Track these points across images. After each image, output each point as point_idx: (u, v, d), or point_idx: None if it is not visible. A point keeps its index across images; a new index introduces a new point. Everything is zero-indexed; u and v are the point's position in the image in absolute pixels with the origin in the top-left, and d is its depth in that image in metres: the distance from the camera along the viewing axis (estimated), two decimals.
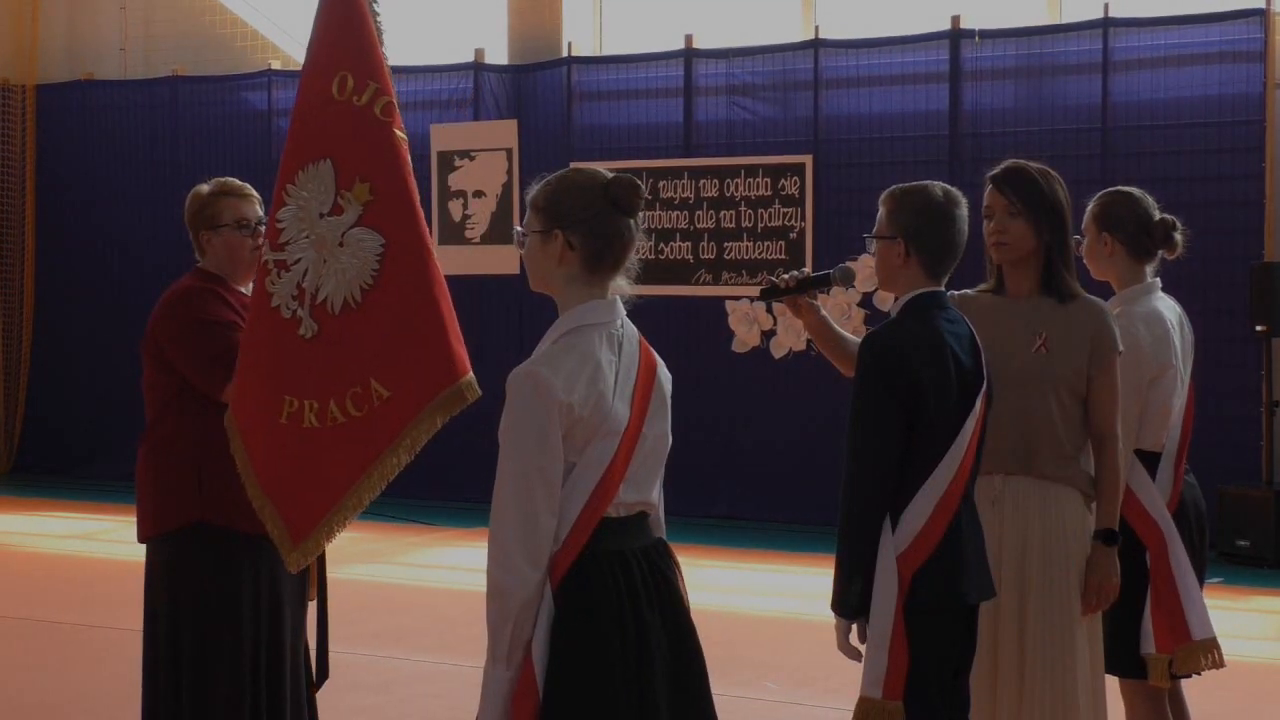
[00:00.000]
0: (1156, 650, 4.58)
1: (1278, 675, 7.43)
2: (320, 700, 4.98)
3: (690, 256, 11.75)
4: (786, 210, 11.47)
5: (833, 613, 3.88)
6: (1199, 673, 4.68)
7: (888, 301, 11.15)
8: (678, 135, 11.97)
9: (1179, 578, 4.58)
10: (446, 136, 12.44)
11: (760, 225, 11.55)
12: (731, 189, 11.64)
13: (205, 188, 4.83)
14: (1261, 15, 10.32)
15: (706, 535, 10.65)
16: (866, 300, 11.24)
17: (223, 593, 4.57)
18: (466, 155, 12.37)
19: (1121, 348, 4.35)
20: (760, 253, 11.54)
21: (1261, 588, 9.30)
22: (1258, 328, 10.05)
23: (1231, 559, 9.76)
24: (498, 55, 12.72)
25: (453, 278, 4.43)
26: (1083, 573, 4.25)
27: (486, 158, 12.34)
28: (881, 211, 3.97)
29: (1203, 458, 4.88)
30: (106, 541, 10.89)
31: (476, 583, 8.81)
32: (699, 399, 10.80)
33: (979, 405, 3.90)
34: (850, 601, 3.83)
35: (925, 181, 3.98)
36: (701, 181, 11.74)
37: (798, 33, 11.88)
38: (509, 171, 12.24)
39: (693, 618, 3.44)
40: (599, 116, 12.25)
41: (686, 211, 11.75)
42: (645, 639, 3.28)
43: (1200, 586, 4.69)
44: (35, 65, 14.34)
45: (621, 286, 3.40)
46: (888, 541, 3.82)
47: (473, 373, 4.30)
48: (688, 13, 12.33)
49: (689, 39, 11.95)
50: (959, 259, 3.96)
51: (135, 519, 4.76)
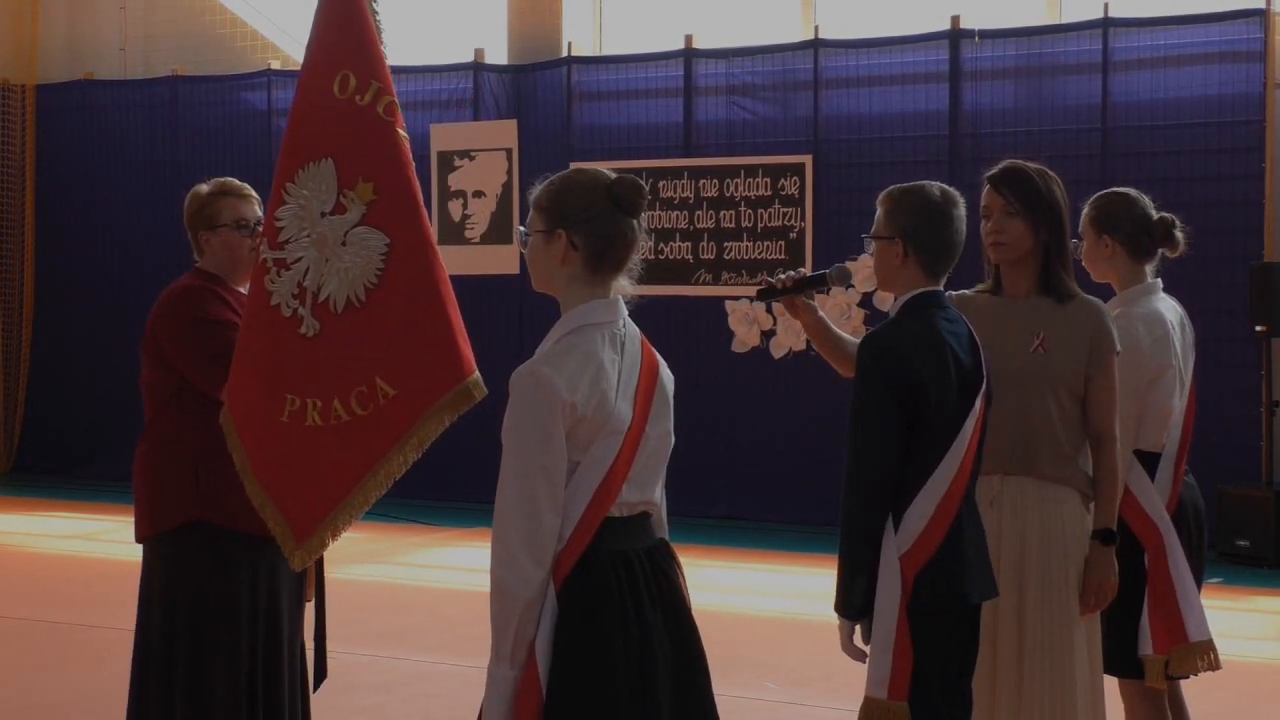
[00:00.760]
0: (1154, 651, 4.58)
1: (1277, 675, 7.44)
2: (320, 700, 4.98)
3: (690, 256, 11.75)
4: (786, 210, 11.48)
5: (836, 614, 3.88)
6: (1194, 674, 4.68)
7: (887, 301, 11.18)
8: (678, 135, 11.98)
9: (1177, 579, 4.58)
10: (446, 136, 12.45)
11: (760, 225, 11.55)
12: (731, 189, 11.65)
13: (204, 188, 4.83)
14: (1261, 15, 10.32)
15: (706, 535, 10.65)
16: (866, 300, 11.25)
17: (221, 592, 4.57)
18: (466, 155, 12.37)
19: (1120, 348, 4.35)
20: (760, 253, 11.55)
21: (1261, 588, 9.30)
22: (1258, 328, 10.05)
23: (1231, 559, 9.76)
24: (498, 55, 12.72)
25: (452, 278, 4.42)
26: (1081, 572, 4.26)
27: (486, 158, 12.34)
28: (879, 212, 3.97)
29: (1203, 458, 4.88)
30: (106, 541, 10.89)
31: (477, 583, 8.78)
32: (699, 399, 10.79)
33: (979, 404, 3.90)
34: (854, 603, 3.82)
35: (923, 181, 3.98)
36: (701, 181, 11.74)
37: (798, 33, 11.88)
38: (509, 171, 12.24)
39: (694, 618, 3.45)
40: (599, 116, 12.25)
41: (686, 211, 11.76)
42: (648, 639, 3.28)
43: (1198, 588, 4.69)
44: (35, 65, 14.34)
45: (624, 287, 3.41)
46: (890, 542, 3.81)
47: (479, 373, 4.31)
48: (688, 13, 12.33)
49: (689, 39, 11.95)
50: (957, 259, 3.97)
51: (134, 519, 4.76)
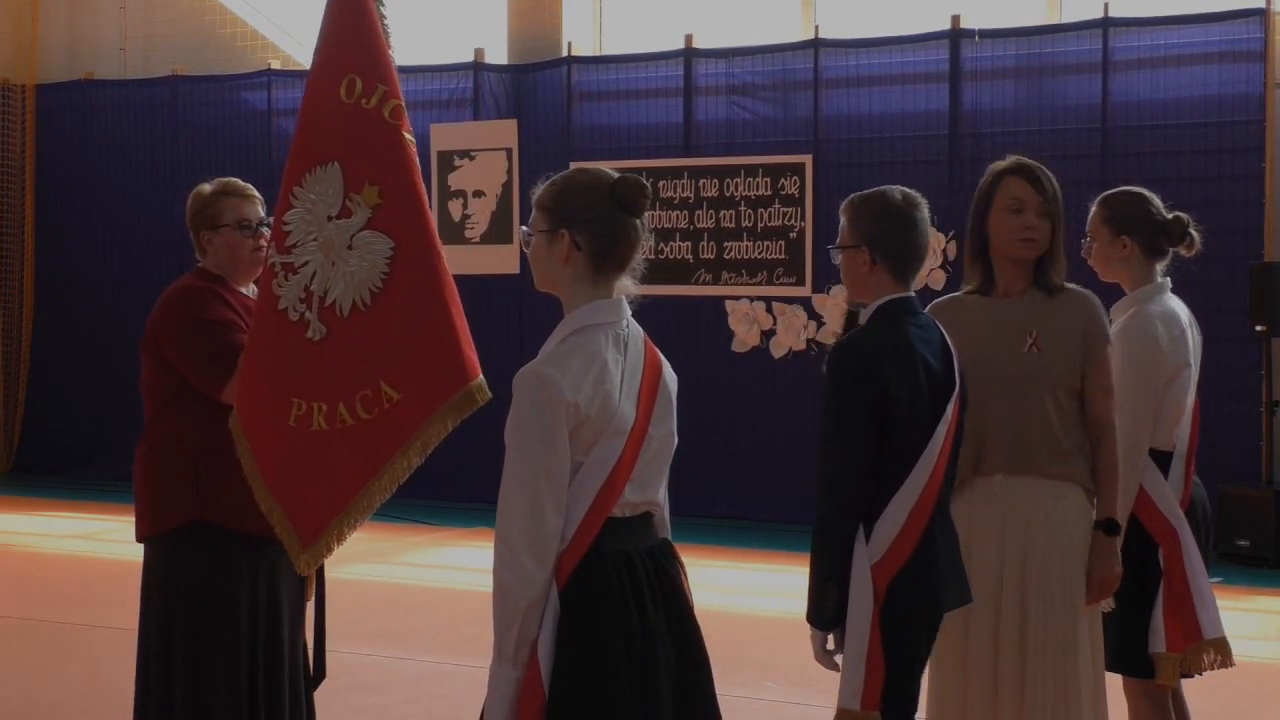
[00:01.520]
0: (1167, 649, 4.57)
1: (1278, 675, 7.43)
2: (321, 700, 4.97)
3: (690, 256, 11.75)
4: (786, 210, 11.48)
5: (808, 624, 3.85)
6: (1200, 672, 4.68)
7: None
8: (678, 135, 11.97)
9: (1192, 576, 4.57)
10: (446, 136, 12.45)
11: (760, 225, 11.55)
12: (731, 189, 11.65)
13: (207, 187, 4.82)
14: (1261, 15, 10.32)
15: (706, 535, 10.65)
16: None
17: (221, 593, 4.57)
18: (466, 155, 12.37)
19: (1112, 338, 4.36)
20: (760, 252, 11.55)
21: (1261, 588, 9.30)
22: (1258, 328, 10.05)
23: (1231, 559, 9.75)
24: (498, 55, 12.72)
25: (453, 277, 4.43)
26: (1085, 568, 4.25)
27: (486, 157, 12.34)
28: (843, 221, 3.95)
29: (1203, 458, 4.87)
30: (106, 541, 10.89)
31: (478, 583, 8.75)
32: (699, 399, 10.78)
33: (951, 411, 3.87)
34: (826, 612, 3.78)
35: (883, 187, 3.95)
36: (701, 181, 11.74)
37: (798, 33, 11.88)
38: (509, 171, 12.24)
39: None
40: (599, 116, 12.25)
41: (686, 211, 11.76)
42: (650, 639, 3.28)
43: None
44: (35, 65, 14.34)
45: (627, 286, 3.40)
46: (861, 551, 3.77)
47: (483, 375, 4.30)
48: (688, 13, 12.33)
49: (689, 39, 11.95)
50: (924, 262, 3.97)
51: (134, 519, 4.76)
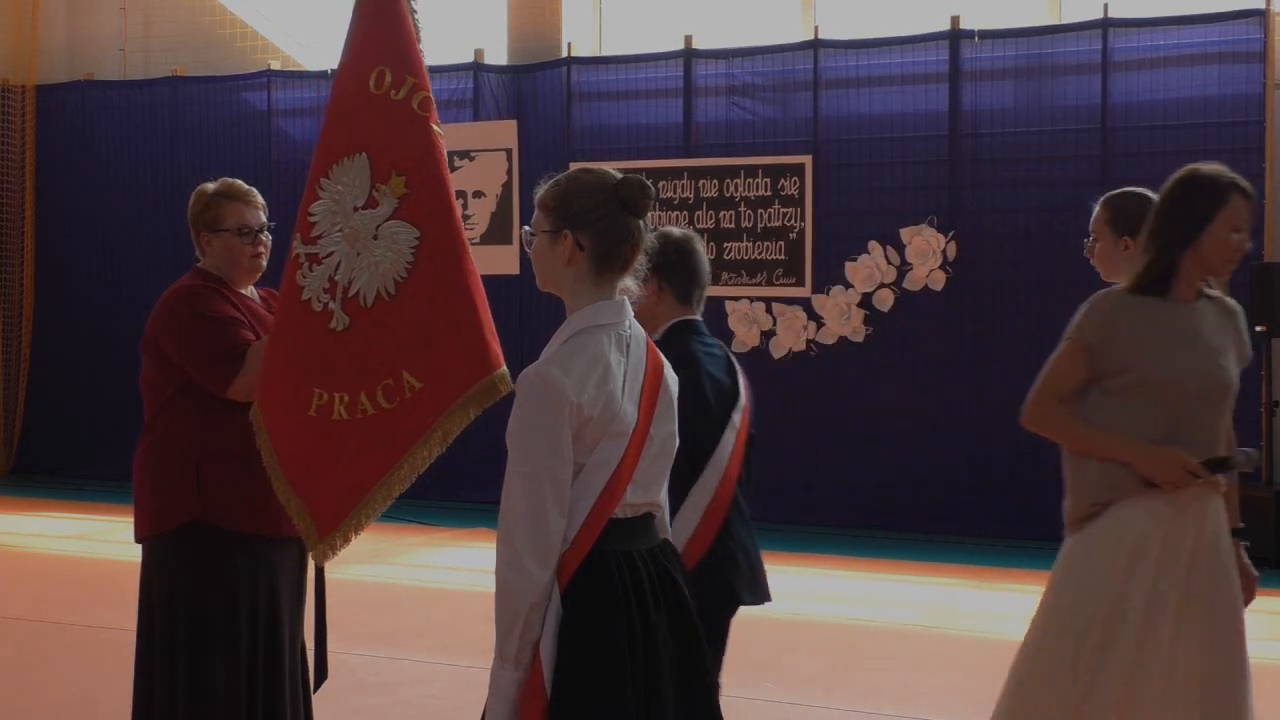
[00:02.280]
0: None
1: (1278, 675, 7.43)
2: (322, 701, 4.97)
3: None
4: (786, 210, 11.48)
5: None
6: None
7: (887, 302, 11.21)
8: (677, 135, 11.98)
9: None
10: (446, 137, 12.35)
11: (760, 225, 11.56)
12: (731, 189, 11.65)
13: (210, 187, 4.81)
14: (1261, 15, 10.33)
15: None
16: (866, 300, 11.25)
17: (222, 593, 4.57)
18: (466, 155, 12.37)
19: None
20: (760, 253, 11.55)
21: (1261, 588, 9.21)
22: (1258, 328, 10.05)
23: None
24: (497, 56, 12.72)
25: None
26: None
27: (486, 158, 12.34)
28: None
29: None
30: (106, 541, 10.89)
31: (478, 583, 8.75)
32: None
33: (739, 419, 4.28)
34: None
35: (663, 227, 4.47)
36: (701, 182, 11.74)
37: (797, 33, 11.88)
38: (509, 172, 12.25)
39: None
40: (599, 117, 12.25)
41: (686, 211, 11.76)
42: (652, 639, 3.28)
43: None
44: (35, 65, 14.34)
45: (629, 287, 3.41)
46: None
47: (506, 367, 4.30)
48: (687, 13, 12.33)
49: (689, 39, 11.95)
50: (706, 288, 4.49)
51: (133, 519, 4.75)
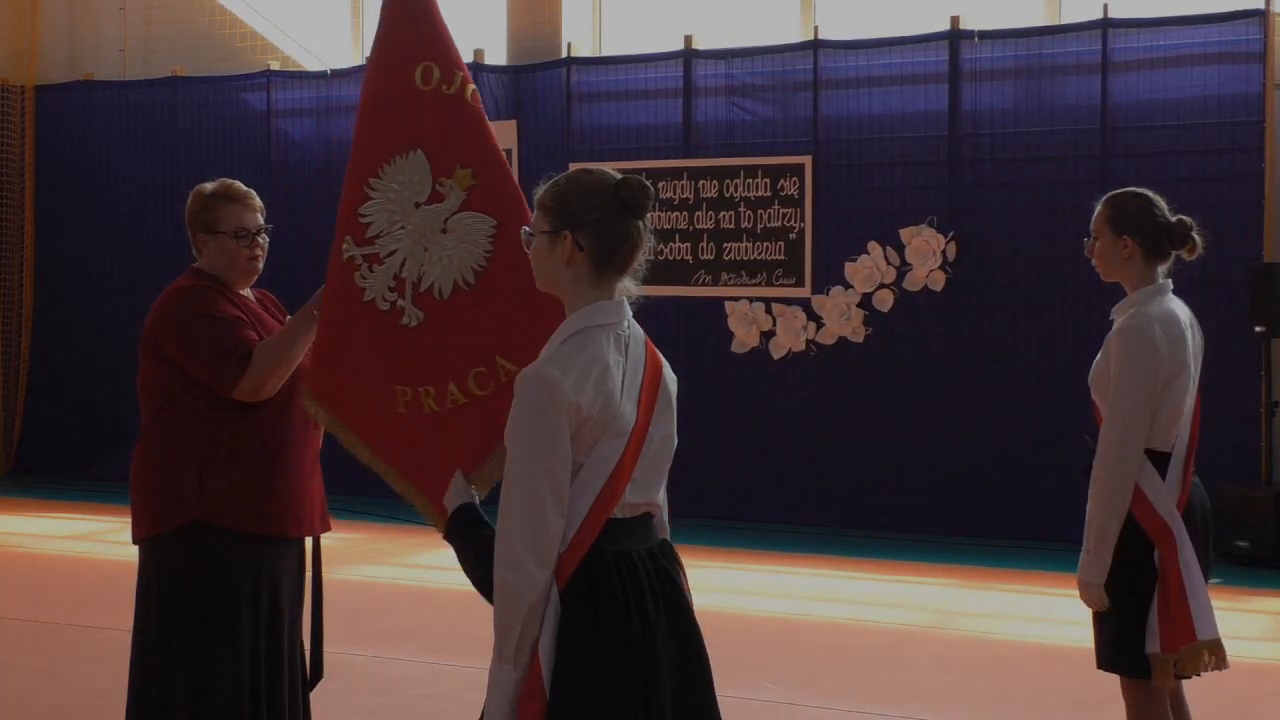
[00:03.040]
0: (1162, 650, 4.58)
1: (1277, 675, 7.44)
2: (321, 700, 4.98)
3: (689, 257, 11.75)
4: (786, 211, 11.48)
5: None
6: (1198, 674, 4.68)
7: (887, 303, 11.21)
8: (677, 136, 11.97)
9: (1187, 578, 4.58)
10: None
11: (760, 226, 11.55)
12: (731, 189, 11.65)
13: (208, 188, 4.80)
14: (1261, 15, 10.32)
15: (706, 535, 10.65)
16: (865, 301, 11.25)
17: (223, 593, 4.56)
18: None
19: (1110, 339, 4.38)
20: (760, 253, 11.55)
21: (1261, 588, 9.30)
22: (1258, 328, 10.05)
23: (1231, 559, 9.76)
24: (497, 56, 12.72)
25: None
26: None
27: None
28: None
29: (1203, 458, 4.88)
30: (106, 542, 10.89)
31: None
32: (699, 399, 10.80)
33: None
34: None
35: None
36: (701, 182, 11.74)
37: (797, 33, 11.87)
38: None
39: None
40: (598, 117, 12.25)
41: (686, 212, 11.75)
42: (651, 640, 3.27)
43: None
44: (35, 65, 14.34)
45: (628, 287, 3.41)
46: None
47: None
48: (687, 13, 12.33)
49: (688, 39, 11.95)
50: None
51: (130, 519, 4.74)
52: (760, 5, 12.25)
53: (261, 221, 4.80)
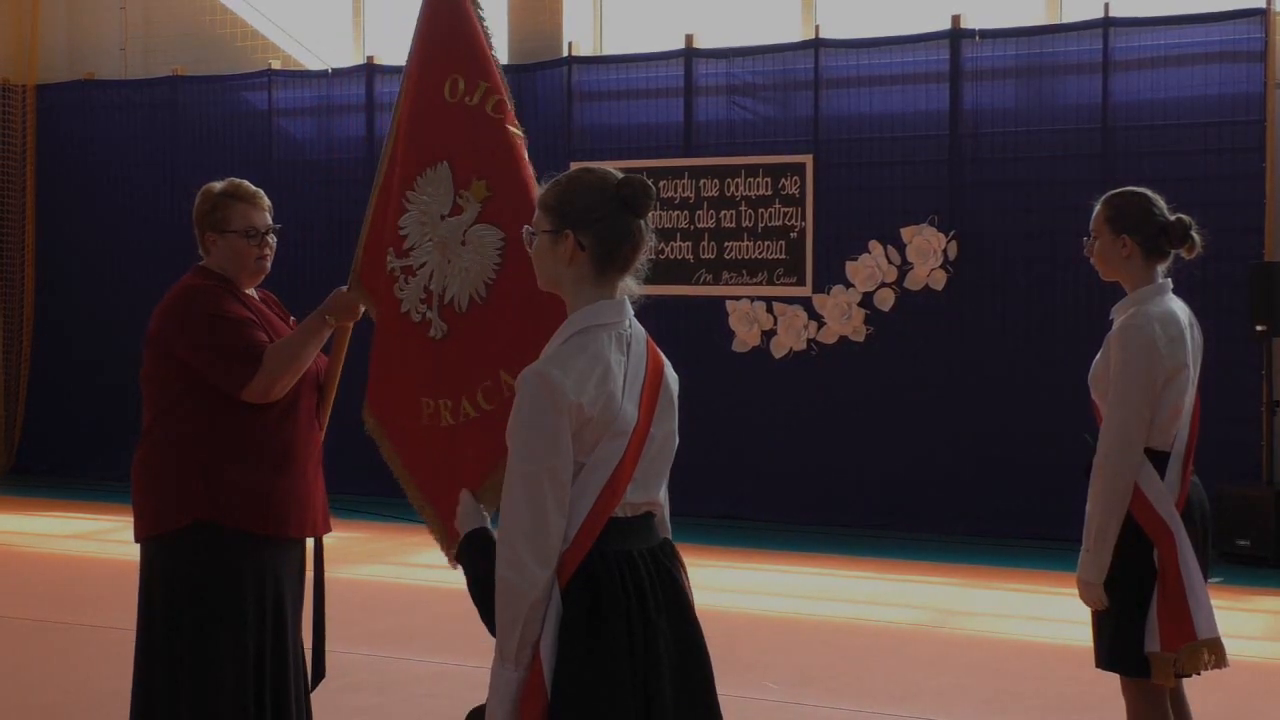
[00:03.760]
0: (1161, 649, 4.58)
1: (1278, 675, 7.44)
2: (321, 700, 4.98)
3: (690, 256, 11.75)
4: (787, 210, 11.48)
5: None
6: (1199, 672, 4.68)
7: (888, 302, 11.22)
8: (678, 135, 11.98)
9: (1186, 576, 4.58)
10: None
11: (760, 225, 11.55)
12: (732, 189, 11.65)
13: (217, 187, 4.80)
14: (1261, 15, 10.32)
15: (706, 535, 10.65)
16: (867, 300, 11.25)
17: (227, 593, 4.56)
18: None
19: (1109, 338, 4.38)
20: (760, 252, 11.55)
21: (1261, 587, 9.30)
22: (1258, 328, 10.06)
23: (1231, 559, 9.76)
24: (498, 55, 12.66)
25: None
26: None
27: None
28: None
29: (1203, 457, 4.88)
30: (106, 541, 10.90)
31: None
32: (699, 399, 10.80)
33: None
34: None
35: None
36: (702, 181, 11.74)
37: (798, 32, 11.88)
38: None
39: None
40: (599, 116, 12.25)
41: (686, 211, 11.76)
42: (652, 639, 3.27)
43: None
44: (35, 65, 14.34)
45: (630, 287, 3.40)
46: None
47: None
48: (688, 13, 12.33)
49: (689, 39, 11.95)
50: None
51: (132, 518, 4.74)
52: (761, 4, 12.25)
53: (270, 221, 4.80)
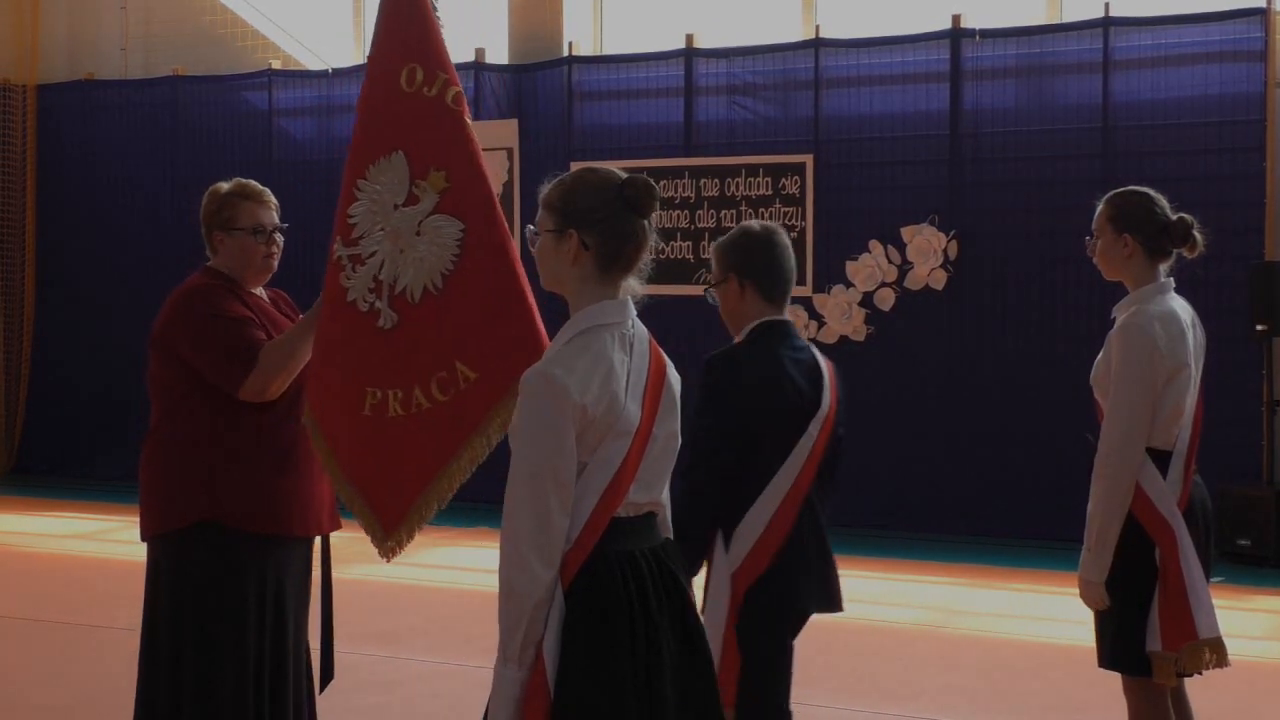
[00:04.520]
0: (1163, 648, 4.59)
1: (1277, 675, 7.44)
2: (323, 700, 4.98)
3: (691, 256, 11.75)
4: (787, 210, 11.48)
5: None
6: (1201, 671, 4.68)
7: (888, 302, 11.22)
8: (678, 135, 11.98)
9: (1187, 576, 4.58)
10: None
11: None
12: (732, 188, 11.65)
13: (224, 186, 4.81)
14: (1261, 15, 10.32)
15: None
16: (867, 299, 11.25)
17: (229, 592, 4.57)
18: None
19: (1111, 337, 4.40)
20: None
21: (1261, 587, 9.31)
22: (1258, 328, 10.06)
23: (1232, 558, 9.76)
24: (498, 55, 12.72)
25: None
26: None
27: (487, 157, 12.19)
28: (712, 261, 4.43)
29: (1203, 457, 4.87)
30: (107, 541, 10.90)
31: (479, 582, 8.73)
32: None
33: (816, 430, 4.22)
34: None
35: (744, 222, 4.46)
36: (702, 181, 11.74)
37: (798, 32, 11.88)
38: (510, 171, 12.24)
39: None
40: (599, 116, 12.25)
41: (687, 211, 11.76)
42: (655, 639, 3.27)
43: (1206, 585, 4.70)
44: (35, 65, 14.34)
45: (633, 286, 3.41)
46: (721, 559, 4.11)
47: None
48: (688, 12, 12.33)
49: (689, 38, 11.95)
50: (793, 284, 4.38)
51: (138, 517, 4.74)
52: (761, 4, 12.25)
53: (277, 220, 4.81)
